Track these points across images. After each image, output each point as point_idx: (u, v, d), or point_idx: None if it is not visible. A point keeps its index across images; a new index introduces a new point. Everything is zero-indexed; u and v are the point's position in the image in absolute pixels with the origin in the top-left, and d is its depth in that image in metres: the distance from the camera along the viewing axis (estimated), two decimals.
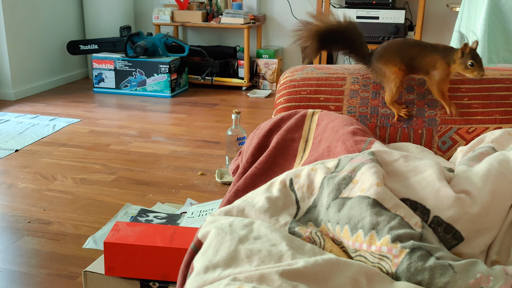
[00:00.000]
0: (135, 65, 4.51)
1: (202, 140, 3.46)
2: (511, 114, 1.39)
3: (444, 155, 1.40)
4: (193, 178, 2.83)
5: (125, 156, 3.16)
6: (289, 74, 1.62)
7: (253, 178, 1.32)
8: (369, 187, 0.95)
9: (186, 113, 4.10)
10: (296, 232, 0.97)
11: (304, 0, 4.72)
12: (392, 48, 1.42)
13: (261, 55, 4.77)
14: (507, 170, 1.04)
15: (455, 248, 0.94)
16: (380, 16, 4.12)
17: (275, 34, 4.94)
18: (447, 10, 4.25)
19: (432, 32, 4.44)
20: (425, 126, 1.43)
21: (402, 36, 4.12)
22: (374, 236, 0.89)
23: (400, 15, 4.07)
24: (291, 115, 1.43)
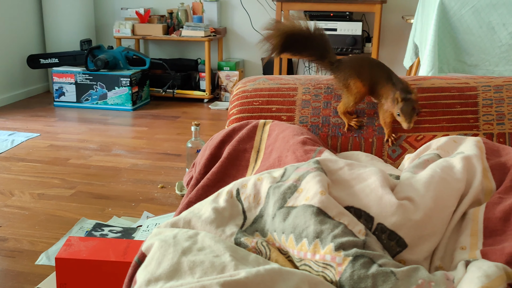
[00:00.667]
0: (96, 78, 4.46)
1: (163, 153, 3.43)
2: (457, 121, 1.42)
3: (394, 163, 1.41)
4: (153, 191, 2.80)
5: (85, 170, 3.11)
6: (241, 85, 1.62)
7: (205, 189, 1.31)
8: (313, 195, 0.95)
9: (147, 126, 4.06)
10: (242, 243, 0.96)
11: (264, 13, 4.75)
12: (364, 64, 1.42)
13: (222, 68, 4.77)
14: (450, 176, 1.06)
15: (399, 255, 0.94)
16: (338, 28, 4.17)
17: (236, 46, 4.96)
18: (402, 22, 4.34)
19: (388, 44, 4.52)
20: (375, 134, 1.44)
21: (360, 47, 4.18)
22: (318, 245, 0.89)
23: (357, 27, 4.13)
24: (243, 125, 1.43)
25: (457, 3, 2.36)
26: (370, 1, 4.09)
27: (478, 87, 1.47)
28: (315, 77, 1.59)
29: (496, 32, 2.35)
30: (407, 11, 4.33)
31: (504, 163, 1.15)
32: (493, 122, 1.41)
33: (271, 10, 4.69)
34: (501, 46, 2.36)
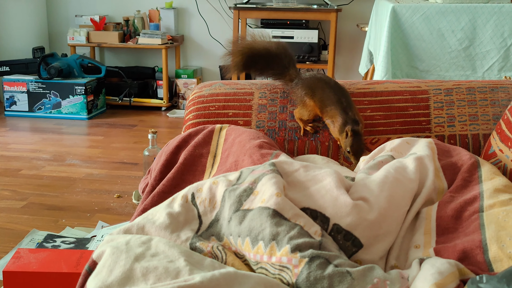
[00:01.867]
0: (50, 87, 4.36)
1: (120, 162, 3.38)
2: (410, 124, 1.44)
3: (350, 166, 1.42)
4: (109, 201, 2.75)
5: (37, 181, 3.02)
6: (197, 90, 1.60)
7: (160, 195, 1.28)
8: (269, 197, 0.94)
9: (103, 135, 3.99)
10: (197, 248, 0.94)
11: (221, 20, 4.76)
12: (319, 85, 1.43)
13: (180, 75, 4.74)
14: (403, 177, 1.07)
15: (355, 255, 0.94)
16: (294, 36, 4.20)
17: (194, 54, 4.94)
18: (357, 29, 4.41)
19: (344, 51, 4.58)
20: (331, 138, 1.45)
21: (317, 55, 4.22)
22: (274, 247, 0.88)
23: (313, 35, 4.18)
24: (199, 130, 1.42)
25: (408, 11, 2.42)
26: (326, 10, 4.14)
27: (429, 90, 1.50)
28: (271, 82, 1.59)
29: (446, 38, 2.41)
30: (362, 19, 4.40)
31: (454, 163, 1.17)
32: (444, 124, 1.44)
33: (228, 18, 4.69)
34: (450, 52, 2.42)
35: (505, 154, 1.23)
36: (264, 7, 4.23)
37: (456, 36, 2.41)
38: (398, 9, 2.43)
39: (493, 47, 2.40)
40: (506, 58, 2.41)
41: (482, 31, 2.39)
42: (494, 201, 1.00)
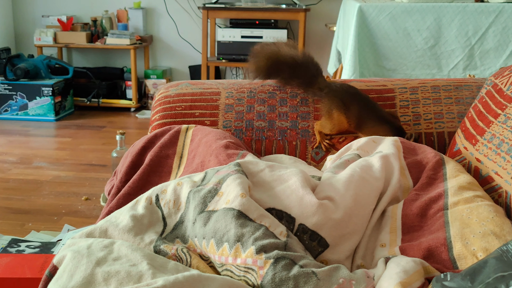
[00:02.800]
0: (16, 88, 4.27)
1: (88, 164, 3.33)
2: None
3: (317, 165, 1.42)
4: (77, 203, 2.70)
5: (3, 184, 2.96)
6: (164, 91, 1.58)
7: (126, 197, 1.26)
8: (234, 198, 0.93)
9: (71, 136, 3.93)
10: (161, 250, 0.93)
11: (190, 20, 4.72)
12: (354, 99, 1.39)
13: (149, 76, 4.69)
14: (368, 175, 1.07)
15: (321, 255, 0.94)
16: (263, 35, 4.20)
17: (163, 54, 4.90)
18: (325, 29, 4.43)
19: (313, 50, 4.59)
20: (299, 137, 1.45)
21: None
22: (239, 249, 0.87)
23: (282, 34, 4.18)
24: (165, 131, 1.40)
25: (375, 10, 2.43)
26: (294, 9, 4.15)
27: (395, 89, 1.50)
28: (237, 82, 1.58)
29: (412, 37, 2.44)
30: (330, 19, 4.42)
31: (420, 161, 1.18)
32: (410, 123, 1.45)
33: (197, 18, 4.66)
34: (416, 51, 2.45)
35: (469, 152, 1.24)
36: (233, 7, 4.22)
37: (422, 35, 2.43)
38: (364, 9, 2.44)
39: (458, 46, 2.43)
40: (470, 57, 2.44)
41: (447, 30, 2.42)
42: (459, 199, 1.00)
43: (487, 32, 2.42)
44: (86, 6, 4.84)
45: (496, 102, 1.23)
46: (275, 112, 1.48)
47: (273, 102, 1.50)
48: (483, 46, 2.43)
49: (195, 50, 4.76)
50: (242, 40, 4.24)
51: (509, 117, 1.13)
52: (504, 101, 1.20)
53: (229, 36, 4.24)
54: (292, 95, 1.50)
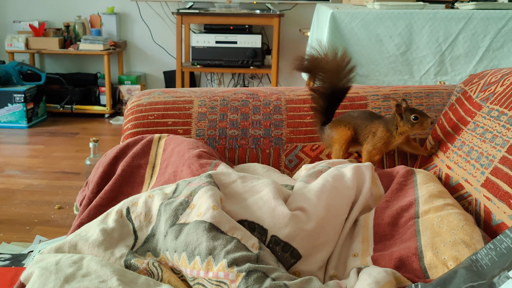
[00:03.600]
0: None
1: (61, 172, 3.28)
2: None
3: (291, 173, 1.42)
4: (49, 212, 2.66)
5: None
6: (136, 99, 1.57)
7: (97, 209, 1.24)
8: (206, 211, 0.92)
9: (44, 144, 3.87)
10: (132, 265, 0.91)
11: (164, 26, 4.70)
12: (344, 117, 1.39)
13: (123, 82, 4.65)
14: (341, 185, 1.07)
15: (294, 266, 0.94)
16: (238, 41, 4.20)
17: (137, 60, 4.86)
18: (300, 34, 4.45)
19: (288, 56, 4.61)
20: (272, 145, 1.45)
21: (261, 60, 4.22)
22: (211, 262, 0.86)
23: (257, 40, 4.19)
24: (138, 140, 1.38)
25: (347, 16, 2.45)
26: (268, 15, 4.15)
27: (367, 96, 1.51)
28: (210, 90, 1.57)
29: (384, 44, 2.45)
30: (304, 24, 4.44)
31: (390, 172, 1.19)
32: None
33: (171, 24, 4.64)
34: (389, 57, 2.47)
35: (440, 159, 1.25)
36: (207, 12, 4.21)
37: (394, 41, 2.45)
38: (337, 15, 2.46)
39: (429, 52, 2.46)
40: (441, 63, 2.47)
41: (418, 37, 2.45)
42: (429, 207, 1.01)
43: (457, 38, 2.45)
44: (58, 11, 4.79)
45: (466, 110, 1.25)
46: (248, 120, 1.48)
47: (246, 110, 1.49)
48: (453, 52, 2.46)
49: (169, 56, 4.74)
50: (217, 46, 4.23)
51: (478, 125, 1.15)
52: (474, 109, 1.21)
53: (203, 41, 4.23)
54: (265, 103, 1.50)
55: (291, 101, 1.50)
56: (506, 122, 1.05)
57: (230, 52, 4.20)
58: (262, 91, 1.55)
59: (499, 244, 0.76)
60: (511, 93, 1.10)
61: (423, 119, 1.24)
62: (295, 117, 1.47)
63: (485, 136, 1.10)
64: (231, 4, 4.32)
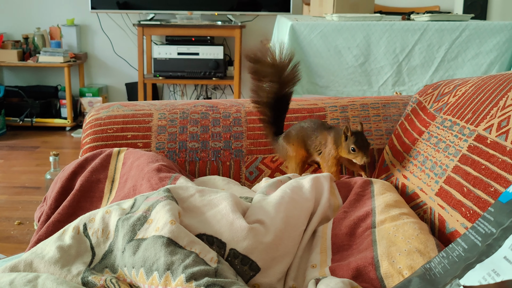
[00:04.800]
0: None
1: (21, 186, 3.21)
2: None
3: (252, 185, 1.42)
4: (9, 228, 2.60)
5: None
6: (94, 113, 1.55)
7: (56, 225, 1.23)
8: (163, 225, 0.92)
9: (3, 158, 3.79)
10: (89, 282, 0.90)
11: (126, 38, 4.67)
12: (296, 129, 1.36)
13: (85, 94, 4.60)
14: (299, 196, 1.08)
15: (253, 279, 0.94)
16: (200, 52, 4.20)
17: (98, 72, 4.81)
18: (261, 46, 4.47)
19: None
20: (232, 157, 1.45)
21: (223, 71, 4.23)
22: (169, 277, 0.86)
23: (219, 51, 4.20)
24: (96, 155, 1.37)
25: (306, 28, 2.48)
26: (230, 26, 4.17)
27: (326, 107, 1.53)
28: (170, 102, 1.57)
29: (343, 55, 2.50)
30: (265, 36, 4.48)
31: (349, 181, 1.21)
32: None
33: (133, 35, 4.62)
34: (347, 68, 2.51)
35: (396, 168, 1.27)
36: (169, 24, 4.20)
37: (352, 52, 2.50)
38: (296, 27, 2.48)
39: (387, 63, 2.51)
40: (399, 73, 2.53)
41: (376, 48, 2.50)
42: (385, 217, 1.03)
43: (414, 49, 2.51)
44: (17, 23, 4.71)
45: (421, 120, 1.27)
46: (208, 133, 1.48)
47: (206, 122, 1.49)
48: (410, 62, 2.52)
49: (131, 67, 4.71)
50: (179, 57, 4.22)
51: (432, 135, 1.17)
52: (428, 119, 1.24)
53: (165, 53, 4.22)
54: (225, 115, 1.51)
55: (250, 113, 1.51)
56: (458, 132, 1.08)
57: (192, 64, 4.20)
58: (222, 103, 1.55)
59: (451, 252, 0.78)
60: (463, 103, 1.13)
61: (359, 154, 1.23)
62: (255, 128, 1.48)
63: (438, 145, 1.12)
64: (193, 16, 4.32)
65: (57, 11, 4.66)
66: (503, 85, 1.04)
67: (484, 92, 1.08)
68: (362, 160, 1.22)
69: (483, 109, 1.04)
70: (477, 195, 0.93)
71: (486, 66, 2.51)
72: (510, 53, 2.54)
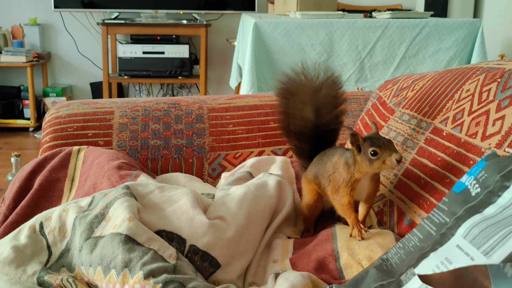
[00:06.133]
0: None
1: None
2: (271, 137, 1.46)
3: (214, 181, 1.42)
4: None
5: None
6: (54, 111, 1.52)
7: (13, 225, 1.20)
8: (121, 222, 0.91)
9: None
10: (45, 282, 0.88)
11: (90, 37, 4.60)
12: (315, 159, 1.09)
13: (48, 94, 4.52)
14: (263, 193, 1.08)
15: (213, 275, 0.93)
16: (165, 51, 4.17)
17: (62, 71, 4.73)
18: (227, 44, 4.47)
19: (216, 65, 4.62)
20: (195, 154, 1.44)
21: (189, 70, 4.20)
22: (127, 275, 0.85)
23: (184, 50, 4.17)
24: (56, 153, 1.34)
25: (270, 26, 2.49)
26: (195, 25, 4.15)
27: None
28: (132, 100, 1.55)
29: (306, 52, 2.51)
30: (231, 34, 4.47)
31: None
32: None
33: (97, 34, 4.55)
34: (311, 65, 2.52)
35: None
36: (133, 23, 4.15)
37: (315, 49, 2.51)
38: (260, 24, 2.49)
39: (349, 60, 2.53)
40: (361, 70, 2.55)
41: (338, 45, 2.52)
42: None
43: (375, 46, 2.53)
44: None
45: (380, 114, 1.29)
46: (171, 130, 1.46)
47: (168, 119, 1.48)
48: (372, 59, 2.54)
49: (96, 67, 4.64)
50: (144, 56, 4.18)
51: (391, 129, 1.19)
52: (387, 113, 1.25)
53: (130, 52, 4.17)
54: (187, 112, 1.50)
55: (213, 110, 1.50)
56: (416, 125, 1.09)
57: (157, 63, 4.16)
58: (184, 100, 1.54)
59: (407, 243, 0.78)
60: (420, 97, 1.15)
61: (385, 154, 0.90)
62: (217, 125, 1.47)
63: (397, 139, 1.13)
64: (158, 15, 4.28)
65: (19, 10, 4.56)
66: (458, 79, 1.06)
67: (440, 86, 1.10)
68: (393, 158, 0.89)
69: (439, 102, 1.06)
70: (433, 187, 0.95)
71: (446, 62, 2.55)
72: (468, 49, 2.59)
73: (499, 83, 0.91)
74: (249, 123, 1.48)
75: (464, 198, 0.71)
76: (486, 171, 0.71)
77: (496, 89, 0.90)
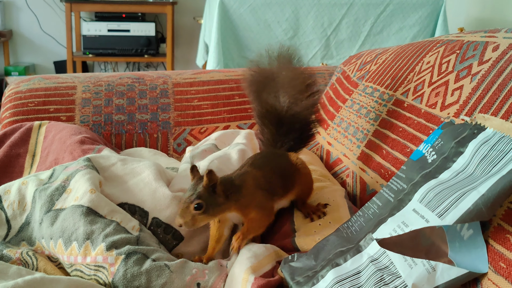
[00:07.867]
0: None
1: None
2: (236, 112, 1.46)
3: (180, 156, 1.41)
4: None
5: None
6: (14, 86, 1.49)
7: None
8: (83, 195, 0.90)
9: None
10: (4, 256, 0.87)
11: (53, 14, 4.49)
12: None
13: (10, 73, 4.40)
14: (226, 167, 1.08)
15: (176, 248, 0.93)
16: (131, 29, 4.09)
17: (25, 50, 4.61)
18: (194, 22, 4.42)
19: (183, 44, 4.57)
20: (160, 129, 1.43)
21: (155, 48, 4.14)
22: (89, 247, 0.84)
23: (150, 28, 4.10)
24: (16, 129, 1.32)
25: (236, 2, 2.47)
26: (161, 3, 4.09)
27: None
28: (95, 75, 1.53)
29: (272, 29, 2.50)
30: (197, 12, 4.41)
31: None
32: None
33: (60, 12, 4.44)
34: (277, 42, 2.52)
35: (322, 136, 1.29)
36: (98, 0, 4.07)
37: (282, 26, 2.50)
38: (226, 2, 2.47)
39: (315, 37, 2.53)
40: (327, 47, 2.56)
41: (304, 22, 2.52)
42: None
43: (341, 23, 2.54)
44: None
45: (345, 88, 1.29)
46: (135, 105, 1.45)
47: (132, 94, 1.46)
48: (337, 36, 2.55)
49: (59, 45, 4.54)
50: (109, 34, 4.10)
51: (354, 102, 1.20)
52: (351, 87, 1.26)
53: (95, 30, 4.09)
54: (152, 87, 1.48)
55: (178, 85, 1.49)
56: (379, 97, 1.10)
57: (123, 41, 4.09)
58: (149, 75, 1.52)
59: (367, 211, 0.80)
60: (383, 70, 1.16)
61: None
62: (182, 100, 1.46)
63: (360, 112, 1.14)
64: None
65: None
66: (419, 52, 1.07)
67: (402, 59, 1.11)
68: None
69: (401, 75, 1.07)
70: (395, 157, 0.96)
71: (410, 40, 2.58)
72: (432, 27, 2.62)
73: (458, 54, 0.92)
74: (214, 97, 1.47)
75: (421, 165, 0.73)
76: (442, 138, 0.72)
77: (455, 60, 0.92)
